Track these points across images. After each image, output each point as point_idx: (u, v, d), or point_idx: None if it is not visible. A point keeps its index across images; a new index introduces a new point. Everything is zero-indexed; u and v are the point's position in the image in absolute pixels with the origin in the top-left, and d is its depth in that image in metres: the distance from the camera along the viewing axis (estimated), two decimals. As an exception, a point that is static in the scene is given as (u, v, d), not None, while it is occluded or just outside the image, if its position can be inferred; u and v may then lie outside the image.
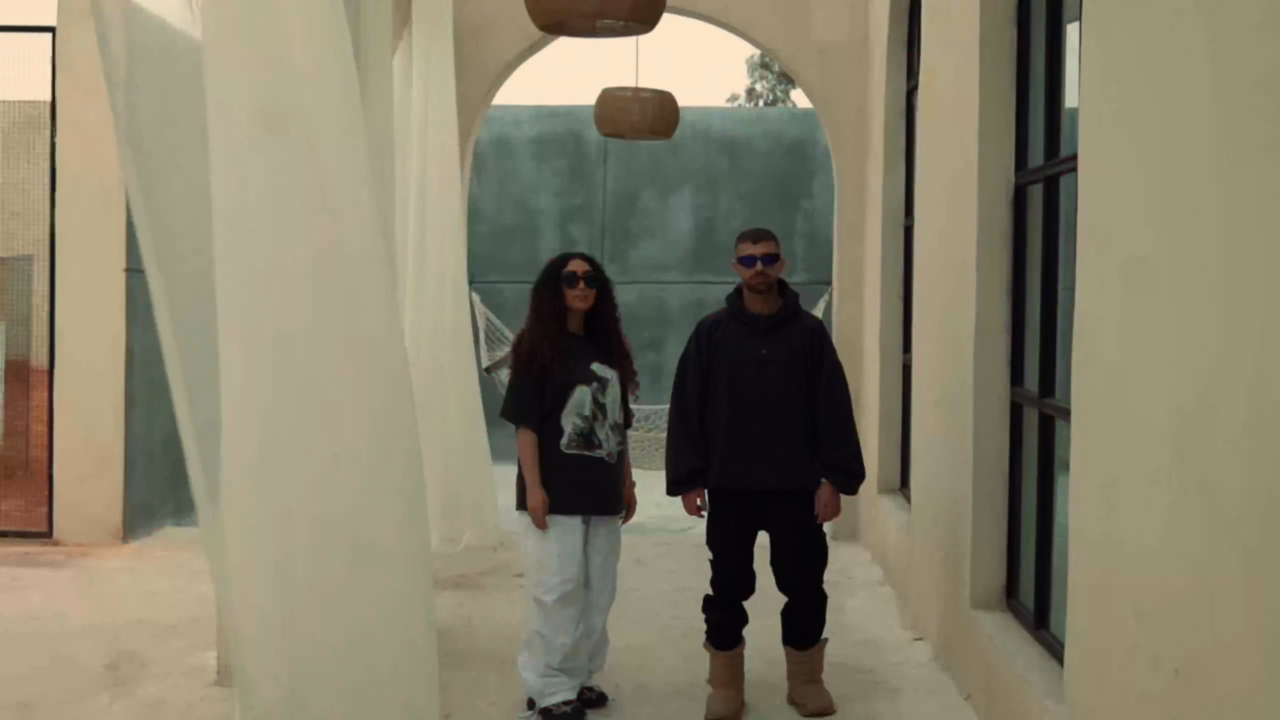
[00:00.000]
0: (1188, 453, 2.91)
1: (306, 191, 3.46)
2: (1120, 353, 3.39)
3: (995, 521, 5.24)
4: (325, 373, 3.46)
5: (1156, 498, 3.09)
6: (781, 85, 29.75)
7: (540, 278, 5.16)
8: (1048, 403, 4.78)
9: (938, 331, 6.11)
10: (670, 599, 7.03)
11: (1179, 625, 2.95)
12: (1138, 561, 3.23)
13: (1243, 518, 2.62)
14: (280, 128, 3.40)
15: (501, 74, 9.16)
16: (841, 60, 8.86)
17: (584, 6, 4.40)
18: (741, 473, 5.08)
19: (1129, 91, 3.37)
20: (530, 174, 14.21)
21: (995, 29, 5.23)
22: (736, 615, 5.23)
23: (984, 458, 5.24)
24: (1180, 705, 2.94)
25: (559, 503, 4.99)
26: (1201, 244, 2.86)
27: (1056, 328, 4.75)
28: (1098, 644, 3.55)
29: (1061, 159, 4.66)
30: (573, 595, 5.01)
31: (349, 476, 3.49)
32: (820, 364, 5.12)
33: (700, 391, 5.15)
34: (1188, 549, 2.91)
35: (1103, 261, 3.55)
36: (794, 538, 5.13)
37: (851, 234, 8.97)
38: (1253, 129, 2.59)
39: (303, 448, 3.48)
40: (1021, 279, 5.16)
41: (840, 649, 5.90)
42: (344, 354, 3.47)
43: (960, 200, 5.52)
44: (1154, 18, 3.17)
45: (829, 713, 5.12)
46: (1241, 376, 2.64)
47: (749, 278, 5.12)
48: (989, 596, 5.24)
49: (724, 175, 14.18)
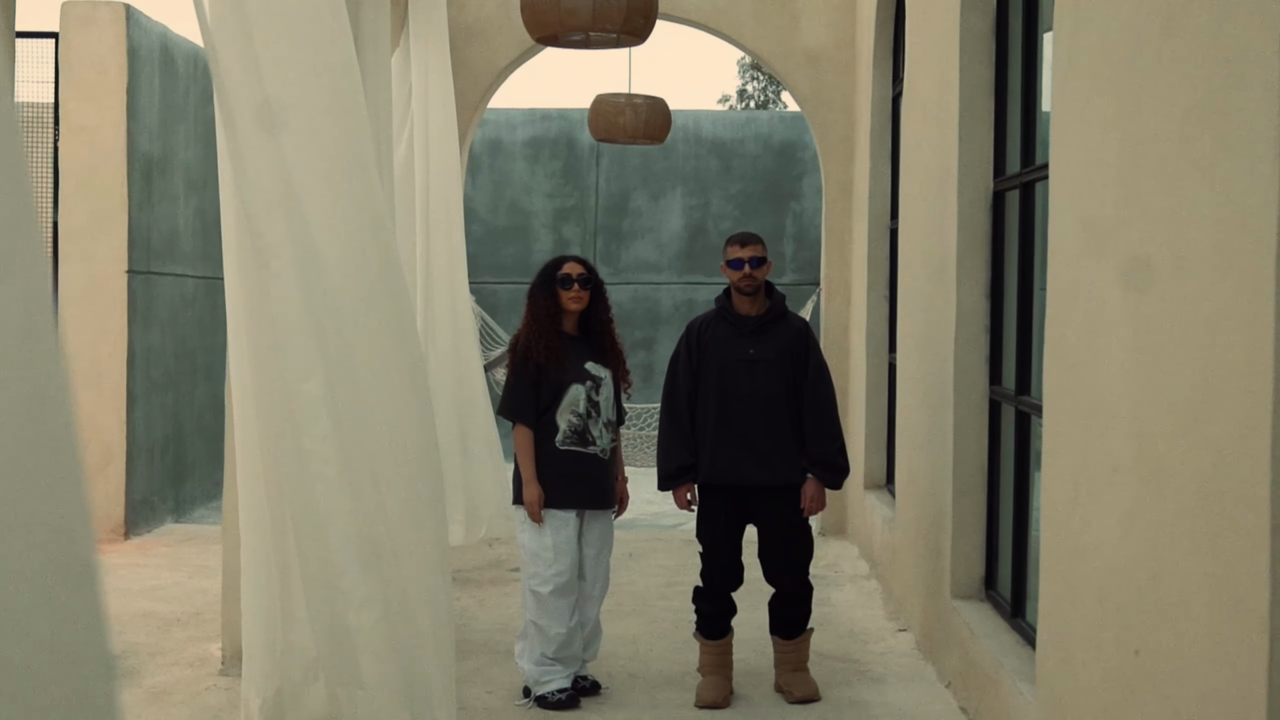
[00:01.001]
0: (1145, 444, 3.10)
1: (310, 189, 3.59)
2: (1085, 350, 3.58)
3: (975, 515, 5.42)
4: (345, 366, 3.58)
5: (1118, 487, 3.28)
6: (772, 86, 29.92)
7: (536, 279, 5.34)
8: (1024, 400, 4.96)
9: (920, 332, 6.30)
10: (661, 592, 7.22)
11: (1138, 608, 3.14)
12: (1101, 548, 3.42)
13: (1191, 506, 2.81)
14: (283, 125, 3.54)
15: (497, 79, 9.32)
16: (829, 66, 9.04)
17: (577, 20, 4.58)
18: (730, 468, 5.26)
19: (1094, 103, 3.56)
20: (523, 176, 14.37)
21: (974, 40, 5.41)
22: (725, 606, 5.40)
23: (964, 454, 5.43)
24: (1140, 683, 3.13)
25: (554, 497, 5.17)
26: (1156, 246, 3.05)
27: (1033, 328, 4.93)
28: (1066, 628, 3.74)
29: (1037, 166, 4.84)
30: (567, 587, 5.19)
31: (368, 469, 3.61)
32: (806, 363, 5.31)
33: (690, 390, 5.33)
34: (1145, 535, 3.10)
35: (1070, 263, 3.75)
36: (781, 531, 5.31)
37: (839, 236, 9.16)
38: (1203, 141, 2.78)
39: (313, 442, 3.60)
40: (1000, 281, 5.35)
41: (826, 640, 6.09)
42: (367, 348, 3.58)
43: (941, 205, 5.71)
44: (1118, 36, 3.36)
45: (814, 699, 5.30)
46: (1189, 371, 2.83)
47: (737, 280, 5.30)
48: (968, 587, 5.42)
49: (714, 177, 14.34)
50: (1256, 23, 2.50)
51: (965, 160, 5.41)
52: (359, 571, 3.57)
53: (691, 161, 14.34)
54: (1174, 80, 2.95)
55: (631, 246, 14.43)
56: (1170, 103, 2.97)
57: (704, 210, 14.34)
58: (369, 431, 3.57)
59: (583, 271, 5.29)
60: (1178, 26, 2.93)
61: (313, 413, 3.54)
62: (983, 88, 5.40)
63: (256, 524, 3.87)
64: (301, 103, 3.56)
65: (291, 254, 3.53)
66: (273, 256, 3.54)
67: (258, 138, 3.52)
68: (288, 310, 3.54)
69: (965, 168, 5.40)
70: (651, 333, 14.18)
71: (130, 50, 8.65)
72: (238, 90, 3.55)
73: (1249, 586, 2.52)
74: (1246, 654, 2.53)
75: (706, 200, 14.33)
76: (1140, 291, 3.15)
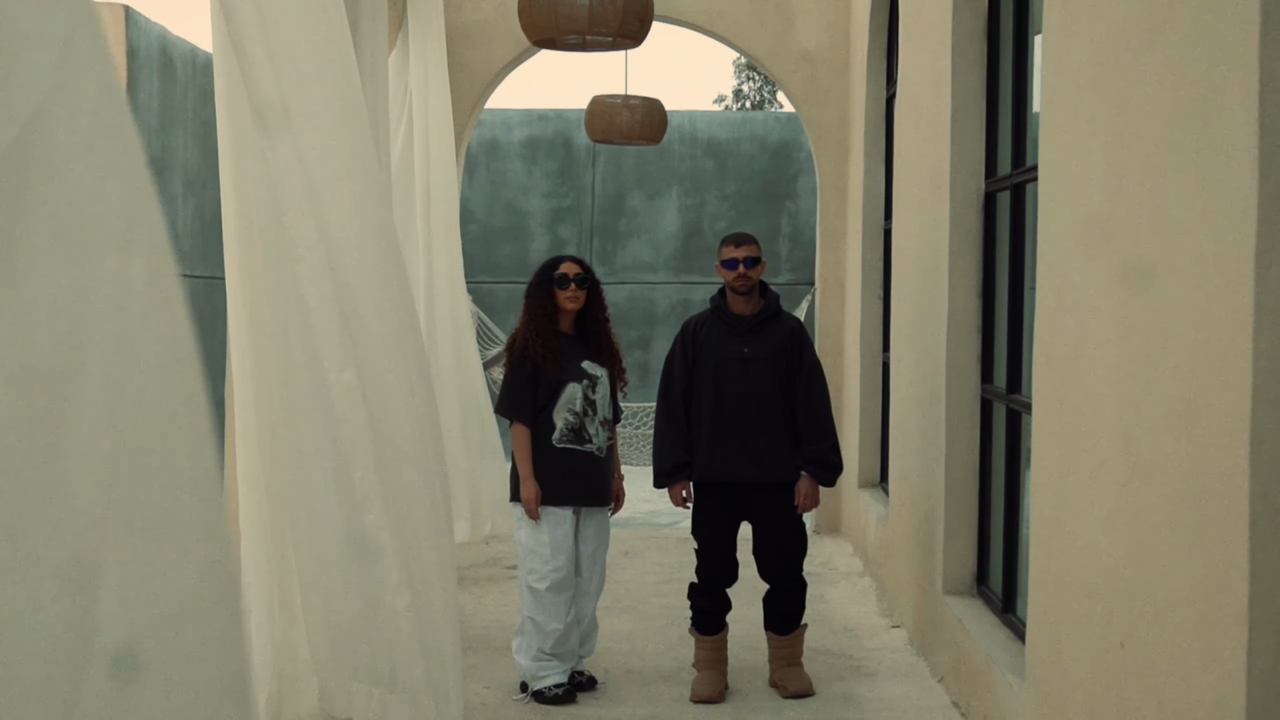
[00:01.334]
0: (1131, 442, 3.17)
1: (313, 187, 3.64)
2: (1073, 349, 3.65)
3: (966, 512, 5.49)
4: (371, 358, 3.64)
5: (1104, 484, 3.35)
6: (768, 87, 29.98)
7: (534, 279, 5.41)
8: (1015, 398, 5.03)
9: (913, 331, 6.36)
10: (657, 589, 7.28)
11: (1124, 602, 3.21)
12: (1088, 544, 3.49)
13: (1175, 502, 2.88)
14: (284, 125, 3.59)
15: (493, 80, 9.38)
16: (823, 68, 9.11)
17: (574, 24, 4.65)
18: (725, 465, 5.32)
19: (1082, 107, 3.63)
20: (520, 176, 14.43)
21: (966, 42, 5.48)
22: (720, 602, 5.47)
23: (956, 451, 5.50)
24: (1125, 674, 3.20)
25: (551, 494, 5.23)
26: (1143, 248, 3.12)
27: (1023, 327, 5.00)
28: (1055, 622, 3.81)
29: (1028, 168, 4.91)
30: (564, 582, 5.25)
31: (393, 459, 3.65)
32: (800, 362, 5.37)
33: (685, 388, 5.39)
34: (1130, 531, 3.17)
35: (1058, 264, 3.81)
36: (775, 527, 5.38)
37: (833, 236, 9.23)
38: (1186, 145, 2.85)
39: (353, 431, 3.64)
40: (991, 281, 5.41)
41: (820, 636, 6.15)
42: (384, 341, 3.63)
43: (934, 205, 5.77)
44: (1105, 42, 3.42)
45: (808, 694, 5.37)
46: (1174, 370, 2.90)
47: (731, 280, 5.37)
48: (960, 583, 5.49)
49: (710, 177, 14.41)
50: (1236, 31, 2.57)
51: (957, 161, 5.47)
52: (393, 558, 3.60)
53: (687, 162, 14.40)
54: (1158, 86, 3.02)
55: (627, 246, 14.49)
56: (1155, 107, 3.04)
57: (699, 210, 14.40)
58: (392, 423, 3.62)
59: (579, 271, 5.35)
60: (1162, 34, 2.99)
61: (352, 401, 3.58)
62: (974, 90, 5.46)
63: (256, 521, 3.93)
64: (310, 103, 3.62)
65: (320, 248, 3.58)
66: (307, 249, 3.58)
67: (268, 137, 3.58)
68: (321, 302, 3.58)
69: (957, 169, 5.47)
70: (647, 332, 14.25)
71: (129, 51, 8.70)
72: (247, 90, 3.60)
73: (1230, 579, 2.58)
74: (1227, 645, 2.60)
75: (702, 200, 14.40)
76: (1127, 292, 3.22)
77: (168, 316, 1.07)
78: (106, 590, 1.00)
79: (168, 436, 1.06)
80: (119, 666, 1.00)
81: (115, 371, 1.01)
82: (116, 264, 1.03)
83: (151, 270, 1.06)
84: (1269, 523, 2.49)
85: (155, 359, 1.05)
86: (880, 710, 5.21)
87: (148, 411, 1.04)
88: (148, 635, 1.04)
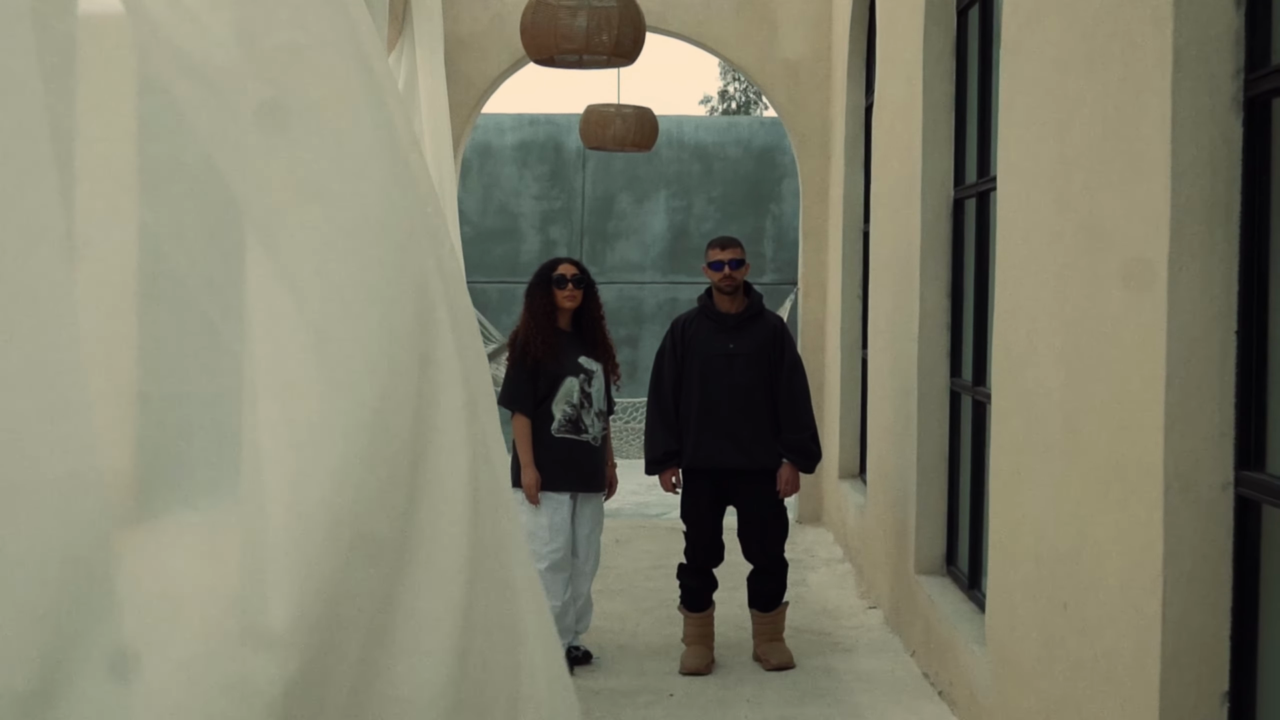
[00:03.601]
0: (1071, 426, 3.56)
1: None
2: (1026, 345, 4.04)
3: (936, 496, 5.88)
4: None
5: (1050, 463, 3.75)
6: (753, 88, 30.41)
7: (533, 280, 5.79)
8: (980, 390, 5.41)
9: (888, 328, 6.75)
10: (647, 574, 7.66)
11: (1066, 567, 3.61)
12: (1036, 517, 3.89)
13: (1105, 476, 3.28)
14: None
15: (488, 88, 9.72)
16: (806, 77, 9.49)
17: (572, 44, 5.03)
18: (712, 454, 5.71)
19: (1033, 124, 4.02)
20: (512, 179, 14.79)
21: (936, 58, 5.87)
22: (707, 581, 5.85)
23: (926, 440, 5.89)
24: (1068, 632, 3.59)
25: (549, 481, 5.61)
26: (1081, 256, 3.51)
27: (988, 325, 5.38)
28: (1009, 591, 4.21)
29: (991, 177, 5.29)
30: (562, 563, 5.63)
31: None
32: (781, 357, 5.77)
33: (674, 381, 5.78)
34: (1070, 504, 3.56)
35: (1012, 269, 4.21)
36: (758, 511, 5.77)
37: (815, 238, 9.61)
38: (1116, 163, 3.24)
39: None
40: (960, 282, 5.80)
41: (801, 617, 6.54)
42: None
43: (907, 211, 6.16)
44: (1050, 67, 3.82)
45: (789, 667, 5.75)
46: (1105, 362, 3.29)
47: (718, 280, 5.75)
48: (931, 563, 5.88)
49: (697, 181, 14.78)
50: (1154, 65, 2.96)
51: (928, 170, 5.86)
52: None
53: (675, 165, 14.77)
54: (1093, 110, 3.41)
55: (616, 247, 14.86)
56: (1092, 127, 3.43)
57: (686, 212, 14.77)
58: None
59: (576, 272, 5.74)
60: (1097, 61, 3.39)
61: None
62: (944, 103, 5.85)
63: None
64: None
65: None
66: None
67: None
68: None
69: (928, 177, 5.86)
70: (635, 330, 14.62)
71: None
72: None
73: (1148, 540, 2.98)
74: (1147, 599, 2.99)
75: (689, 203, 14.77)
76: (1069, 293, 3.62)
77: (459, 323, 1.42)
78: None
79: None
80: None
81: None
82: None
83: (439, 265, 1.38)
84: (1179, 493, 2.88)
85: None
86: (856, 681, 5.59)
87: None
88: None
